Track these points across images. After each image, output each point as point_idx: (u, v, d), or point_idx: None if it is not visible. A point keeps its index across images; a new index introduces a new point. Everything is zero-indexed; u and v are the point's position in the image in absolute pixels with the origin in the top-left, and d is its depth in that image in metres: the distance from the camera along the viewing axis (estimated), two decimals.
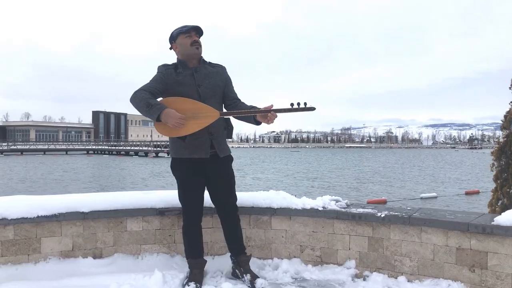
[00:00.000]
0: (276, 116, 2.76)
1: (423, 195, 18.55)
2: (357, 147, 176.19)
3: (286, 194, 3.58)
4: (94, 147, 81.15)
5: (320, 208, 3.34)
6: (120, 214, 3.29)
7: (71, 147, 79.76)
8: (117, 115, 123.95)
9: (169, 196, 3.46)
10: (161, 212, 3.37)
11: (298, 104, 2.72)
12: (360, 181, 26.61)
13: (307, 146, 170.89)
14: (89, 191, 19.05)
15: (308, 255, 3.36)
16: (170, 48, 3.02)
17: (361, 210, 3.28)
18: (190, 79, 2.89)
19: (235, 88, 3.13)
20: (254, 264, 3.25)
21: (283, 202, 3.43)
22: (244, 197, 3.44)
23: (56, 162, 45.30)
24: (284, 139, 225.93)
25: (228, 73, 3.11)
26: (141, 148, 68.66)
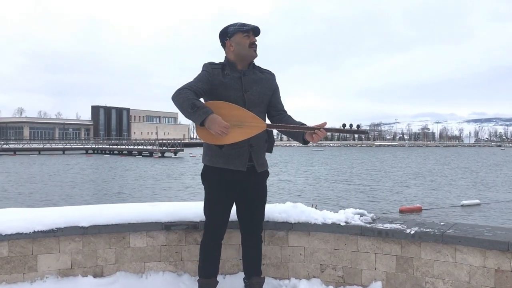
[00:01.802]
0: (325, 134, 2.86)
1: (464, 202, 18.31)
2: (388, 145, 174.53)
3: (305, 207, 3.63)
4: (93, 146, 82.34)
5: (343, 223, 3.38)
6: (123, 228, 3.39)
7: (68, 146, 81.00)
8: (119, 110, 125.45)
9: (176, 209, 3.55)
10: (167, 226, 3.46)
11: (351, 125, 2.85)
12: (392, 184, 26.46)
13: (331, 145, 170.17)
14: (90, 198, 19.31)
15: (329, 275, 3.41)
16: (222, 45, 3.09)
17: (388, 225, 3.31)
18: (237, 83, 2.96)
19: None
20: (269, 284, 3.32)
21: (301, 216, 3.48)
22: None
23: (53, 163, 46.06)
24: None
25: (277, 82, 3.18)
26: (145, 148, 69.33)
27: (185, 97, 2.78)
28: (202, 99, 2.93)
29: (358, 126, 2.85)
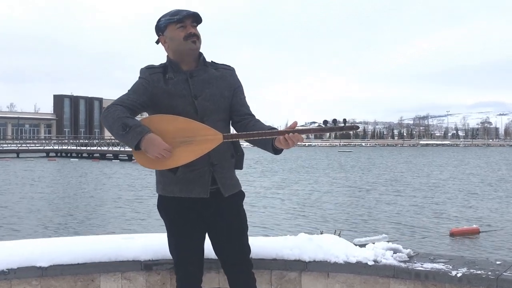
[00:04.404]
0: (301, 139, 2.81)
1: None
2: (437, 144, 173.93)
3: (323, 240, 3.68)
4: (57, 147, 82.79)
5: (371, 262, 3.43)
6: (92, 269, 3.46)
7: (24, 147, 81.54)
8: (89, 101, 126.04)
9: (158, 243, 3.59)
10: (148, 266, 3.52)
11: (335, 121, 2.83)
12: (446, 198, 26.42)
13: (363, 144, 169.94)
14: (50, 225, 19.05)
15: None
16: (157, 42, 3.12)
17: (429, 265, 3.36)
18: (184, 88, 2.99)
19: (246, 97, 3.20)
20: None
21: (318, 253, 3.53)
22: (263, 245, 3.57)
23: (3, 171, 46.31)
24: (330, 134, 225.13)
25: (238, 77, 3.19)
26: (122, 149, 69.51)
27: (115, 116, 2.81)
28: (144, 115, 2.97)
29: (344, 120, 2.80)
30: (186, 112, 2.94)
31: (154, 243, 3.63)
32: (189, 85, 3.00)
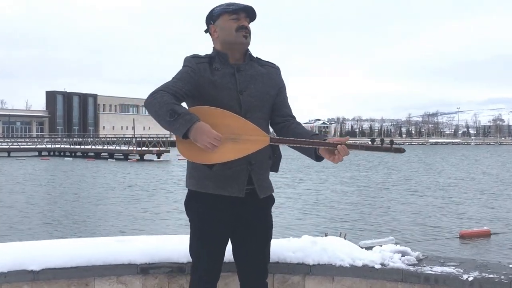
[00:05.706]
0: (347, 153, 2.85)
1: None
2: (447, 143, 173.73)
3: (328, 243, 3.67)
4: (50, 146, 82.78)
5: (378, 266, 3.41)
6: (85, 272, 3.45)
7: (15, 145, 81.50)
8: (83, 98, 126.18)
9: (156, 246, 3.60)
10: (144, 269, 3.51)
11: (382, 141, 2.88)
12: (453, 198, 26.39)
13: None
14: (42, 227, 19.02)
15: None
16: (206, 31, 3.15)
17: (438, 269, 3.34)
18: (230, 81, 2.99)
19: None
20: None
21: (322, 256, 3.52)
22: None
23: None
24: (335, 131, 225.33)
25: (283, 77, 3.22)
26: (118, 148, 69.58)
27: (162, 102, 2.80)
28: (184, 105, 2.95)
29: (391, 141, 2.87)
30: (230, 106, 2.93)
31: (151, 246, 3.63)
32: (235, 79, 3.00)
